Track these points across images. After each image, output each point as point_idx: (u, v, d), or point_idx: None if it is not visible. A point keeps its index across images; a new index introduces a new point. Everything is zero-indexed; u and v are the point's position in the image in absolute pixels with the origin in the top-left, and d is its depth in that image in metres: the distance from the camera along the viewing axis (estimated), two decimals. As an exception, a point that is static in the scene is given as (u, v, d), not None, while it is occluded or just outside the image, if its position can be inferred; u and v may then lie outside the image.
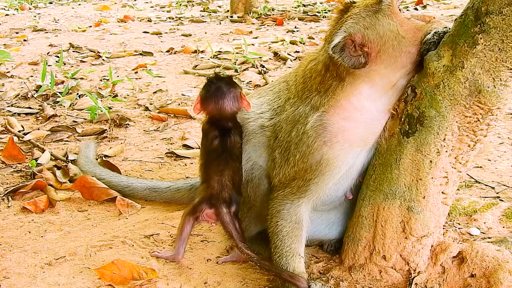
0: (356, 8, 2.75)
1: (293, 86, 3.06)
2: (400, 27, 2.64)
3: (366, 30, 2.66)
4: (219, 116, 3.15)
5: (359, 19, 2.69)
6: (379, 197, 2.86)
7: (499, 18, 2.33)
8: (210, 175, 3.14)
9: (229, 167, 3.11)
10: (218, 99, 3.12)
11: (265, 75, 7.34)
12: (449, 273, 2.89)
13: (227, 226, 3.07)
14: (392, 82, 2.73)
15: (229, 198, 3.11)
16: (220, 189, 3.09)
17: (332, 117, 2.79)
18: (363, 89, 2.73)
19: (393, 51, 2.65)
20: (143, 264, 3.20)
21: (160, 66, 8.32)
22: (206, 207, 3.13)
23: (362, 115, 2.77)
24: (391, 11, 2.66)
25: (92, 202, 4.06)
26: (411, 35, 2.65)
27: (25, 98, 6.63)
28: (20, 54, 9.28)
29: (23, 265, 3.24)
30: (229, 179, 3.10)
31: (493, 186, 4.05)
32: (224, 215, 3.08)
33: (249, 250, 3.01)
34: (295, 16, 12.43)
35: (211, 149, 3.15)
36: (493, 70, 2.42)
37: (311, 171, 2.87)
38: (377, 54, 2.65)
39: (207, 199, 3.13)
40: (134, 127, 5.67)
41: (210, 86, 3.18)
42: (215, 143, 3.13)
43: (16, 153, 4.77)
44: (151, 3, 16.77)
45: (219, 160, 3.10)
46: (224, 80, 3.22)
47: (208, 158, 3.18)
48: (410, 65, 2.69)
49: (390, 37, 2.63)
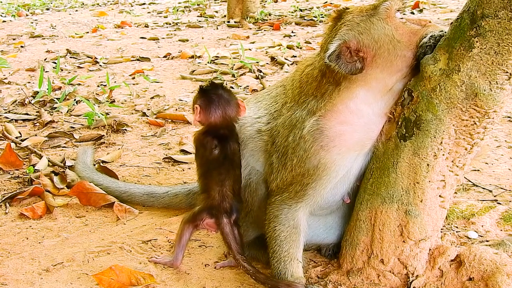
0: (349, 15, 2.76)
1: (290, 91, 3.06)
2: (395, 31, 2.65)
3: (360, 35, 2.67)
4: (221, 124, 3.11)
5: (353, 25, 2.70)
6: (377, 201, 2.86)
7: (495, 21, 2.33)
8: (210, 186, 3.10)
9: (230, 176, 3.08)
10: (223, 107, 3.09)
11: (262, 80, 7.35)
12: (447, 276, 2.89)
13: (226, 237, 3.07)
14: (389, 86, 2.73)
15: (230, 208, 3.09)
16: (221, 200, 3.07)
17: (329, 121, 2.79)
18: (360, 93, 2.73)
19: (389, 55, 2.66)
20: (141, 270, 3.19)
21: (157, 72, 8.32)
22: (206, 216, 3.12)
23: (359, 119, 2.77)
24: (387, 15, 2.67)
25: (90, 208, 4.05)
26: (407, 39, 2.66)
27: (23, 104, 6.63)
28: (17, 61, 9.28)
29: (21, 272, 3.23)
30: (229, 189, 3.08)
31: (490, 189, 4.05)
32: (225, 225, 3.07)
33: (245, 262, 3.02)
34: (292, 21, 12.45)
35: (211, 159, 3.10)
36: (489, 73, 2.42)
37: (308, 175, 2.87)
38: (372, 58, 2.66)
39: (207, 209, 3.11)
40: (132, 132, 5.66)
41: (211, 94, 3.13)
42: (216, 153, 3.08)
43: (14, 159, 4.76)
44: (148, 9, 16.80)
45: (220, 170, 3.07)
46: (222, 87, 3.19)
47: (208, 168, 3.13)
48: (406, 69, 2.70)
49: (385, 41, 2.65)
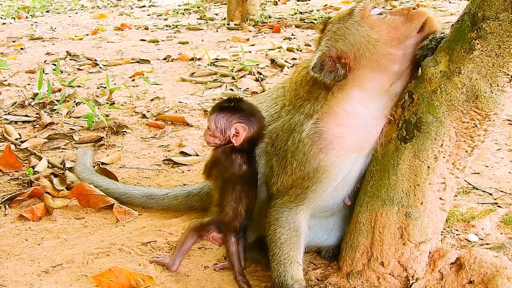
0: (329, 24, 2.84)
1: (288, 93, 3.09)
2: (371, 30, 2.67)
3: (337, 43, 2.73)
4: (255, 138, 3.06)
5: (330, 34, 2.78)
6: (377, 203, 2.85)
7: (496, 23, 2.33)
8: (227, 201, 3.04)
9: (248, 195, 3.05)
10: (258, 119, 3.05)
11: (262, 82, 7.35)
12: (447, 279, 2.88)
13: (231, 256, 3.06)
14: (384, 87, 2.73)
15: (239, 227, 3.07)
16: (233, 217, 3.04)
17: (326, 124, 2.80)
18: (354, 94, 2.74)
19: (372, 55, 2.67)
20: (141, 272, 3.19)
21: (157, 74, 8.32)
22: (214, 230, 3.10)
23: (356, 120, 2.77)
24: (361, 16, 2.70)
25: (89, 209, 4.05)
26: (386, 36, 2.66)
27: (22, 106, 6.62)
28: (17, 63, 9.27)
29: (20, 273, 3.23)
30: (244, 208, 3.04)
31: (491, 192, 4.05)
32: (231, 244, 3.06)
33: (246, 285, 3.02)
34: (292, 23, 12.45)
35: (238, 174, 3.03)
36: (490, 76, 2.42)
37: (308, 178, 2.87)
38: (355, 61, 2.69)
39: (217, 223, 3.08)
40: (131, 134, 5.66)
41: (245, 107, 3.06)
42: (244, 169, 3.03)
43: (13, 161, 4.76)
44: (148, 11, 16.80)
45: (241, 187, 3.03)
46: (240, 99, 3.14)
47: (229, 183, 3.05)
48: (399, 67, 2.69)
49: (363, 42, 2.67)
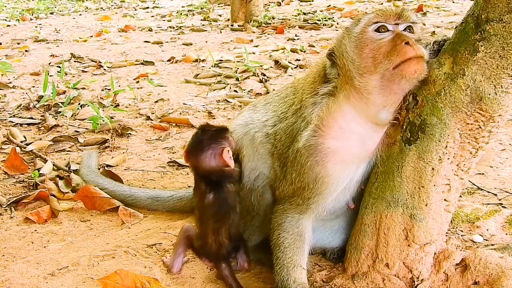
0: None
1: (298, 93, 3.08)
2: (355, 48, 2.71)
3: (337, 43, 2.83)
4: (201, 171, 3.05)
5: (341, 32, 2.86)
6: (382, 205, 2.86)
7: (500, 25, 2.34)
8: (206, 233, 3.05)
9: (226, 223, 3.02)
10: (196, 154, 3.03)
11: (266, 84, 7.35)
12: (452, 280, 2.88)
13: (227, 279, 3.07)
14: (371, 110, 2.70)
15: (227, 254, 3.06)
16: (217, 248, 3.03)
17: (322, 137, 2.77)
18: (347, 109, 2.73)
19: (350, 72, 2.69)
20: (146, 274, 3.20)
21: (161, 76, 8.34)
22: (206, 260, 3.13)
23: (351, 135, 2.76)
24: (360, 31, 2.71)
25: (95, 212, 4.07)
26: (364, 59, 2.66)
27: (27, 108, 6.64)
28: (22, 65, 9.30)
29: (26, 276, 3.24)
30: (226, 236, 3.02)
31: (495, 193, 4.04)
32: (223, 269, 3.06)
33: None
34: (296, 24, 12.45)
35: (205, 204, 3.02)
36: (494, 77, 2.42)
37: (308, 189, 2.87)
38: (343, 69, 2.73)
39: (206, 255, 3.10)
40: (136, 136, 5.67)
41: (193, 138, 3.09)
42: (210, 198, 3.01)
43: (19, 163, 4.78)
44: (151, 12, 16.82)
45: (216, 217, 3.01)
46: (209, 133, 3.09)
47: (203, 214, 3.06)
48: (377, 95, 2.65)
49: (345, 56, 2.74)
